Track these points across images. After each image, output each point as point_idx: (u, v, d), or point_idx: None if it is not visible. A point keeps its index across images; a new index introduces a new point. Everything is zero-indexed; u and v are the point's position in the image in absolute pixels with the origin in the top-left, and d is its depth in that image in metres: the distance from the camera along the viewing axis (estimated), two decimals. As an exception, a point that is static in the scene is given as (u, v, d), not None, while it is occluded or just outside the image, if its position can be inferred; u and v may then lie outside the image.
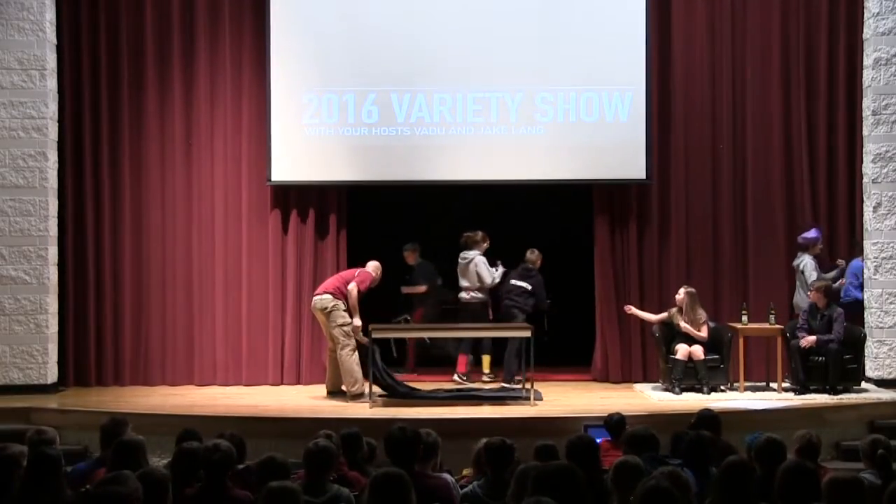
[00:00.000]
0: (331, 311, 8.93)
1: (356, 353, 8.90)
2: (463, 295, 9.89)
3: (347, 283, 9.02)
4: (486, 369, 9.99)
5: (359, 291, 8.98)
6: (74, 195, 9.81)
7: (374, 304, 9.40)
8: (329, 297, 8.97)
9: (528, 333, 8.67)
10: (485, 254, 9.88)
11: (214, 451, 4.55)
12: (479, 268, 9.77)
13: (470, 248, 9.86)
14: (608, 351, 10.08)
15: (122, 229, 9.90)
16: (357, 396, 8.83)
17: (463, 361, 9.85)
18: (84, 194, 9.83)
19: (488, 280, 9.76)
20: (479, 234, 9.89)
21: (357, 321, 8.91)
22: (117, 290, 9.88)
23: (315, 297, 9.11)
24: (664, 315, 9.48)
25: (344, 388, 8.96)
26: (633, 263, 10.10)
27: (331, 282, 9.20)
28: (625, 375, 10.05)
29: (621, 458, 4.48)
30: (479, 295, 9.84)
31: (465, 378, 9.76)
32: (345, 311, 8.94)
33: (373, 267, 9.27)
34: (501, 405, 8.66)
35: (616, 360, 10.06)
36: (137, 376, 9.85)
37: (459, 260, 9.91)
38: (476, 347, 10.00)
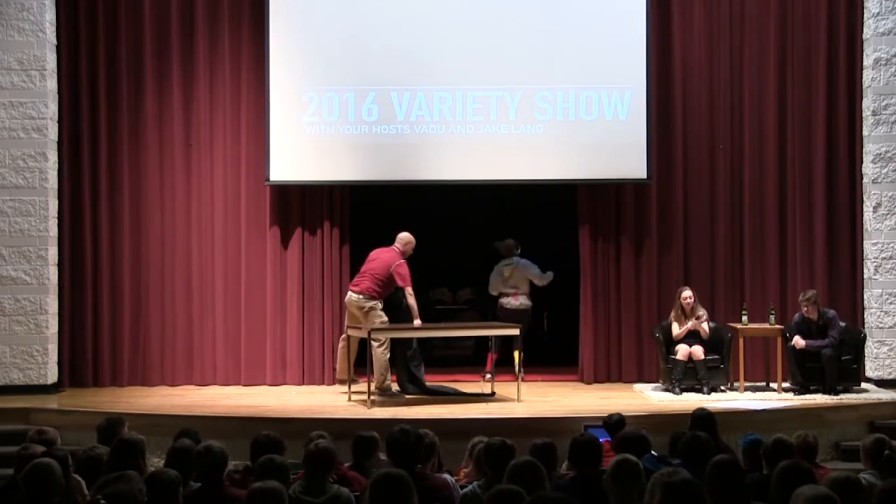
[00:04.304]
0: (368, 312, 8.97)
1: (389, 351, 8.98)
2: (511, 301, 9.90)
3: (381, 281, 9.00)
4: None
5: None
6: (72, 195, 9.79)
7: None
8: (363, 297, 8.99)
9: (516, 331, 8.75)
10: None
11: (206, 454, 4.54)
12: (532, 271, 9.94)
13: (510, 255, 9.92)
14: (598, 351, 10.07)
15: (121, 229, 9.87)
16: (385, 391, 8.94)
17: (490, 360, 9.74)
18: (82, 194, 9.81)
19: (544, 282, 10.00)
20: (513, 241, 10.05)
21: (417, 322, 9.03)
22: (115, 290, 9.85)
23: (351, 293, 9.07)
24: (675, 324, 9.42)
25: (373, 384, 8.77)
26: (630, 264, 10.09)
27: (365, 280, 9.08)
28: (622, 375, 10.07)
29: (620, 457, 4.46)
30: (528, 301, 9.93)
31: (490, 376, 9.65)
32: (381, 309, 9.00)
33: (403, 243, 9.18)
34: (493, 402, 8.68)
35: (604, 360, 10.09)
36: (136, 377, 9.84)
37: (503, 266, 9.95)
38: (508, 346, 9.79)
